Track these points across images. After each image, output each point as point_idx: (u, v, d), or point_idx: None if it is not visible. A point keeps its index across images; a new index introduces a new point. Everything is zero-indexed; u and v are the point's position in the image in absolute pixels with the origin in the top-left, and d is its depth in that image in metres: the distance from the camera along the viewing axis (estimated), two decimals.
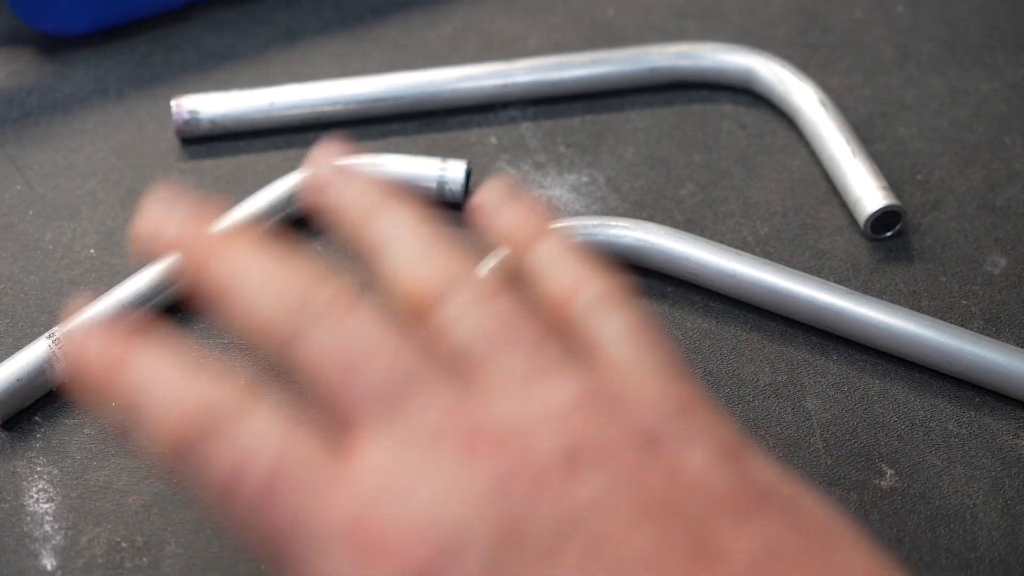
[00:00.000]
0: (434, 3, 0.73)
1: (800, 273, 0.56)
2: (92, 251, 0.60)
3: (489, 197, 0.43)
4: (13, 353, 0.53)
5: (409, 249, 0.39)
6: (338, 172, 0.41)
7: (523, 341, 0.36)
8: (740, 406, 0.54)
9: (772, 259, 0.58)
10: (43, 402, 0.53)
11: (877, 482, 0.51)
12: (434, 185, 0.61)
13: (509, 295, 0.37)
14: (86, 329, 0.37)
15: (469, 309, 0.37)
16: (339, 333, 0.35)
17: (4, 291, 0.58)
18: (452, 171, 0.61)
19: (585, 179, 0.63)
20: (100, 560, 0.48)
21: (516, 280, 0.41)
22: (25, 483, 0.51)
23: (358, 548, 0.32)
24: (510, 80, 0.66)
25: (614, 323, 0.38)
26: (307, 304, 0.36)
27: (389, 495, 0.33)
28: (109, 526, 0.49)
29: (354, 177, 0.41)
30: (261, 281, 0.37)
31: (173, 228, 0.39)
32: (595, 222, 0.58)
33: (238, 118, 0.64)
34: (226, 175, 0.63)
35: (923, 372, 0.55)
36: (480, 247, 0.60)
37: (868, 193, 0.60)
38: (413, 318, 0.37)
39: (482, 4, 0.73)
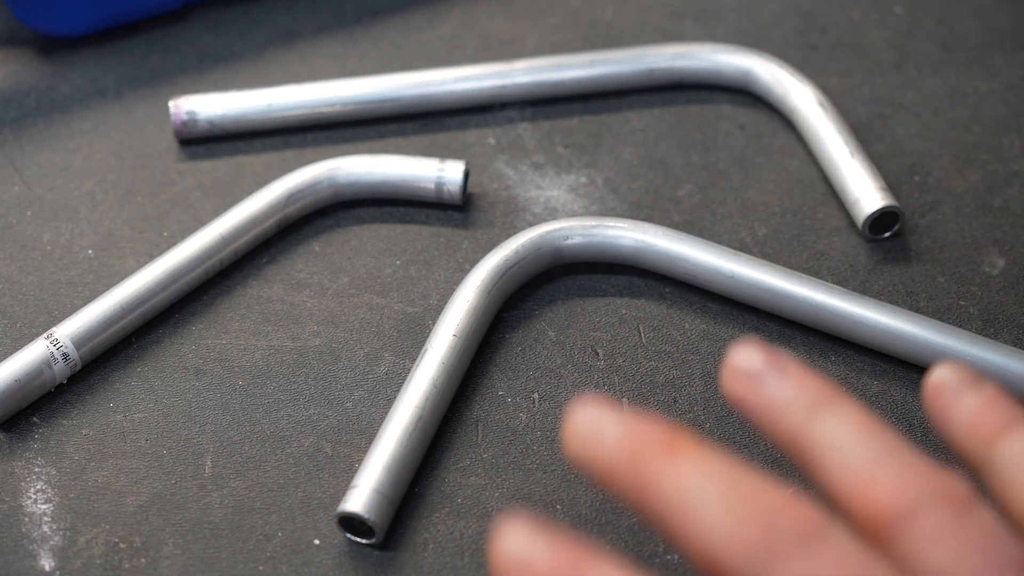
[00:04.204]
0: (432, 4, 0.73)
1: (798, 274, 0.56)
2: (90, 252, 0.60)
3: (948, 379, 0.37)
4: (11, 354, 0.53)
5: (863, 455, 0.33)
6: (771, 363, 0.36)
7: (1011, 567, 0.31)
8: None
9: (770, 260, 0.58)
10: (41, 403, 0.53)
11: None
12: (432, 186, 0.61)
13: (986, 509, 0.33)
14: (531, 542, 0.33)
15: (943, 528, 0.32)
16: (816, 565, 0.31)
17: (2, 292, 0.58)
18: (450, 172, 0.61)
19: (583, 180, 0.63)
20: (98, 561, 0.48)
21: (978, 480, 0.36)
22: (23, 484, 0.51)
23: None
24: (508, 81, 0.66)
25: None
26: (775, 529, 0.32)
27: None
28: (107, 527, 0.49)
29: (790, 370, 0.35)
30: (722, 500, 0.32)
31: (614, 432, 0.34)
32: (593, 223, 0.58)
33: (236, 119, 0.64)
34: (224, 176, 0.63)
35: (921, 373, 0.55)
36: (480, 248, 0.60)
37: (866, 194, 0.60)
38: (871, 537, 0.33)
39: (480, 5, 0.73)
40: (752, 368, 0.36)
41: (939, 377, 0.37)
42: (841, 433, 0.34)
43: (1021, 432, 0.35)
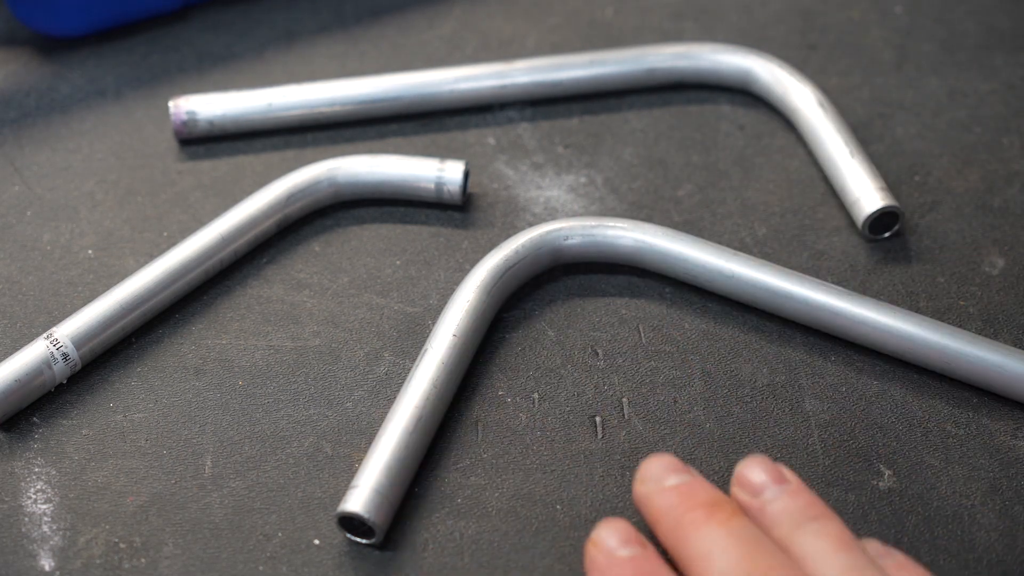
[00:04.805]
0: (432, 4, 0.73)
1: (798, 274, 0.56)
2: (90, 252, 0.60)
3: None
4: (11, 354, 0.53)
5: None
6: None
7: None
8: (738, 407, 0.54)
9: (770, 260, 0.58)
10: (41, 403, 0.53)
11: (875, 483, 0.51)
12: (432, 186, 0.61)
13: None
14: None
15: None
16: None
17: (2, 292, 0.58)
18: (450, 172, 0.61)
19: (583, 180, 0.63)
20: (98, 561, 0.48)
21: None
22: (23, 484, 0.51)
23: None
24: (508, 81, 0.66)
25: None
26: None
27: None
28: (107, 527, 0.49)
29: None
30: (734, 561, 0.43)
31: (672, 483, 0.47)
32: (593, 223, 0.58)
33: (236, 119, 0.64)
34: (224, 176, 0.63)
35: (921, 373, 0.55)
36: (480, 248, 0.60)
37: (866, 194, 0.60)
38: None
39: (480, 5, 0.73)
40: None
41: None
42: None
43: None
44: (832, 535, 0.44)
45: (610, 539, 0.46)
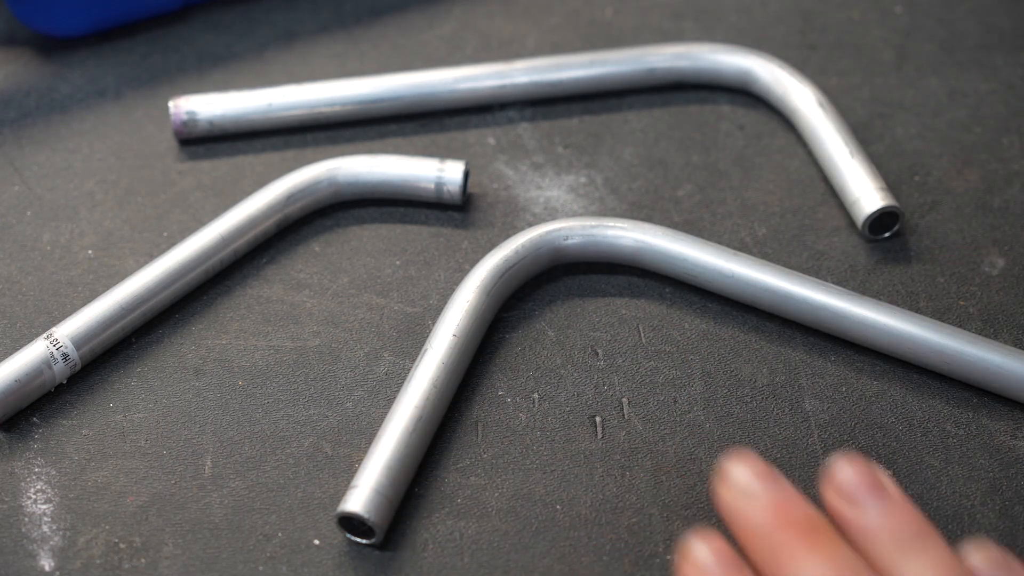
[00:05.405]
0: (432, 4, 0.73)
1: (798, 274, 0.56)
2: (90, 252, 0.60)
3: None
4: (11, 354, 0.53)
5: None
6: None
7: None
8: (738, 407, 0.54)
9: (770, 260, 0.58)
10: (41, 403, 0.53)
11: None
12: (432, 186, 0.61)
13: None
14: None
15: None
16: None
17: (2, 292, 0.58)
18: (450, 172, 0.61)
19: (583, 180, 0.63)
20: (98, 561, 0.48)
21: None
22: (23, 484, 0.51)
23: None
24: (508, 81, 0.66)
25: None
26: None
27: None
28: (107, 527, 0.49)
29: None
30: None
31: (766, 497, 0.43)
32: (593, 223, 0.58)
33: (236, 119, 0.64)
34: (224, 176, 0.63)
35: (921, 373, 0.55)
36: (480, 248, 0.60)
37: (866, 194, 0.60)
38: None
39: (480, 5, 0.73)
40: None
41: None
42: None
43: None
44: (937, 564, 0.41)
45: (710, 563, 0.43)
